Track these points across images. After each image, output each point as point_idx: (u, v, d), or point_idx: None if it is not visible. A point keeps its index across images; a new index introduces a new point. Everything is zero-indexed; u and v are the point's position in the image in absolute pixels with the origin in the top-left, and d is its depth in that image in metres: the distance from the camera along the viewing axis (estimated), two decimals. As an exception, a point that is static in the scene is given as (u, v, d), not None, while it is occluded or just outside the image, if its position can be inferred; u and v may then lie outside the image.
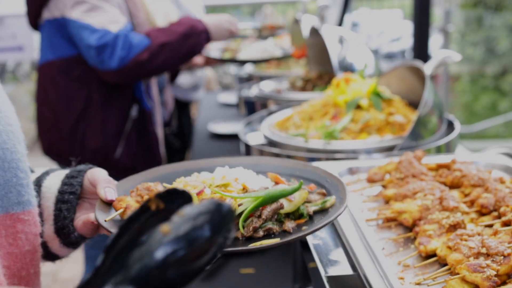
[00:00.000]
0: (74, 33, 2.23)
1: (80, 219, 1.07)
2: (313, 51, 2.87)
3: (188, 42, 2.28)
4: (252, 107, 2.70)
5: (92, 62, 2.23)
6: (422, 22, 4.17)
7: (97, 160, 2.31)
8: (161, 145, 2.61)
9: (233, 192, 1.04)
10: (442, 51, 2.00)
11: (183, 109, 3.81)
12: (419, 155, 1.47)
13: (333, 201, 1.07)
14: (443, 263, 1.07)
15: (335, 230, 1.26)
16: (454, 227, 1.14)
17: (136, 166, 2.41)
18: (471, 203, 1.28)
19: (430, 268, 1.07)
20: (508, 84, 8.55)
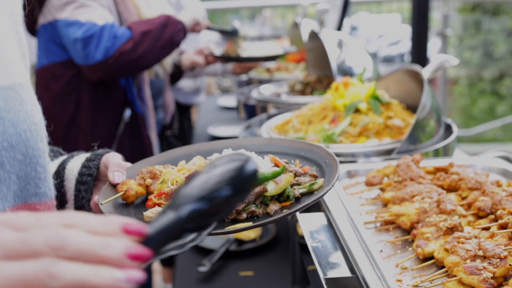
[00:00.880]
0: (63, 33, 2.28)
1: (94, 200, 1.13)
2: (312, 55, 2.88)
3: (167, 30, 2.37)
4: (251, 110, 2.71)
5: (78, 58, 2.27)
6: (420, 27, 4.20)
7: None
8: (155, 148, 2.61)
9: None
10: (440, 55, 2.01)
11: (183, 112, 3.82)
12: (417, 158, 1.48)
13: (321, 184, 1.06)
14: (440, 266, 1.08)
15: (334, 233, 1.28)
16: (452, 230, 1.16)
17: None
18: (468, 206, 1.29)
19: (427, 271, 1.09)
20: (505, 88, 8.58)
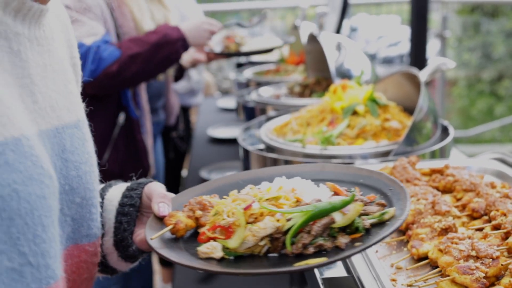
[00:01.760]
0: None
1: (139, 234, 1.08)
2: (311, 57, 2.91)
3: (161, 52, 2.29)
4: (250, 112, 2.74)
5: None
6: (419, 28, 4.22)
7: None
8: (150, 153, 2.61)
9: (285, 206, 0.99)
10: (437, 58, 2.04)
11: (181, 115, 3.83)
12: (413, 160, 1.51)
13: (392, 213, 0.97)
14: (434, 266, 1.10)
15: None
16: (446, 230, 1.18)
17: (123, 173, 2.42)
18: (463, 207, 1.32)
19: (422, 270, 1.11)
20: (504, 89, 8.61)
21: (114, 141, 2.43)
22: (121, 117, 2.44)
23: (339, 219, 0.95)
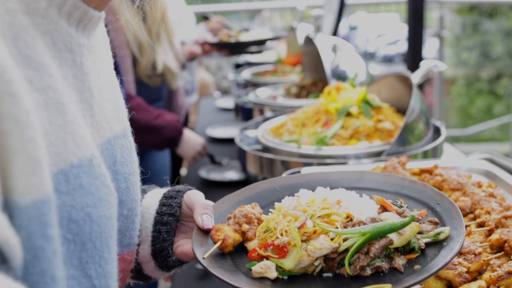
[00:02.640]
0: None
1: (179, 244, 1.04)
2: (308, 58, 2.96)
3: (149, 135, 2.39)
4: (248, 113, 2.78)
5: None
6: (416, 28, 4.27)
7: None
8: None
9: (337, 223, 0.95)
10: (429, 60, 2.09)
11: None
12: (403, 160, 1.56)
13: (448, 233, 0.95)
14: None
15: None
16: (432, 228, 1.23)
17: None
18: (450, 206, 1.37)
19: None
20: (502, 88, 8.66)
21: None
22: None
23: (396, 239, 0.92)
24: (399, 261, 0.91)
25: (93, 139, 0.79)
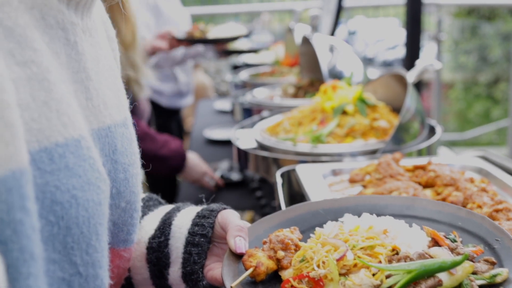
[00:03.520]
0: None
1: (210, 268, 0.97)
2: (305, 59, 2.97)
3: (152, 163, 2.44)
4: (246, 113, 2.79)
5: None
6: (413, 31, 4.28)
7: None
8: None
9: (381, 256, 0.88)
10: (424, 59, 2.10)
11: (170, 116, 3.78)
12: (397, 157, 1.57)
13: (506, 276, 0.84)
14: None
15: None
16: (424, 222, 1.24)
17: None
18: (443, 200, 1.38)
19: (400, 259, 1.17)
20: (500, 92, 8.68)
21: None
22: None
23: (446, 280, 0.83)
24: None
25: (88, 122, 0.77)
